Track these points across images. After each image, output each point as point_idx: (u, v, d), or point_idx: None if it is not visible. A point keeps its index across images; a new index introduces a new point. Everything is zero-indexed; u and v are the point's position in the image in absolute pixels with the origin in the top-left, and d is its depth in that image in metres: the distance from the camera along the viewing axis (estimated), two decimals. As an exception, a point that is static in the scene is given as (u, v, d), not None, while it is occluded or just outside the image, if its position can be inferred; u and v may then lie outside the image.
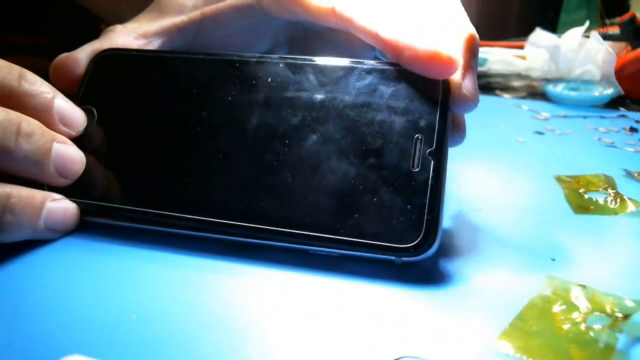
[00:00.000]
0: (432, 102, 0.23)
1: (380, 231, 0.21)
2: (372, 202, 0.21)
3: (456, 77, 0.24)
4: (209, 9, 0.31)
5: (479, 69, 0.59)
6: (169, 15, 0.31)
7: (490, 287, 0.21)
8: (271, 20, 0.31)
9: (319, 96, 0.24)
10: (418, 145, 0.22)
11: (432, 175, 0.21)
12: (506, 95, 0.54)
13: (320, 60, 0.25)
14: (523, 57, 0.60)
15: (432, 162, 0.21)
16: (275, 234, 0.22)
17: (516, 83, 0.57)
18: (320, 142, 0.23)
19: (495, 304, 0.20)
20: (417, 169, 0.21)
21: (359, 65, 0.25)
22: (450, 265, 0.22)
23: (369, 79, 0.24)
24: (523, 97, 0.53)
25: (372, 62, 0.25)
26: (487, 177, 0.31)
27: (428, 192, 0.21)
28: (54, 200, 0.23)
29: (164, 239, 0.23)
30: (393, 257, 0.22)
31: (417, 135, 0.22)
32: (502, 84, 0.57)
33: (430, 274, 0.22)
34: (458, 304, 0.20)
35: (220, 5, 0.30)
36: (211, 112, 0.25)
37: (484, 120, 0.44)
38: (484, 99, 0.53)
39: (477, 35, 0.26)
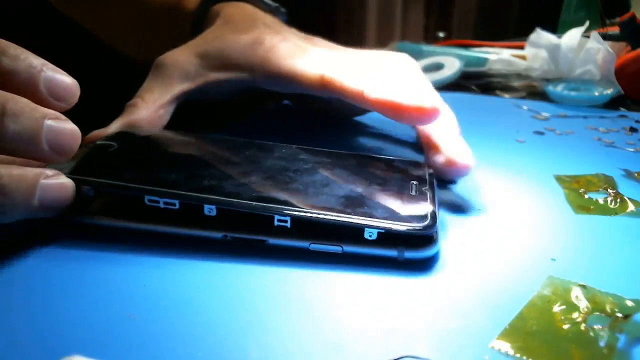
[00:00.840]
0: (422, 172, 0.28)
1: (389, 216, 0.23)
2: (379, 203, 0.24)
3: (452, 154, 0.28)
4: (212, 77, 0.34)
5: (479, 69, 0.59)
6: (176, 82, 0.34)
7: (490, 286, 0.21)
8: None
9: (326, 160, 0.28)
10: (414, 185, 0.26)
11: (429, 194, 0.25)
12: (506, 95, 0.54)
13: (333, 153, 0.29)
14: (523, 57, 0.60)
15: (427, 191, 0.26)
16: (282, 211, 0.22)
17: (516, 83, 0.57)
18: (330, 177, 0.26)
19: (495, 303, 0.20)
20: (415, 194, 0.25)
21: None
22: (450, 265, 0.22)
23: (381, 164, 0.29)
24: (523, 97, 0.53)
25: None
26: (487, 177, 0.31)
27: (428, 201, 0.25)
28: (48, 177, 0.22)
29: (163, 239, 0.23)
30: (396, 253, 0.22)
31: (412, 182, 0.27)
32: (502, 84, 0.57)
33: (430, 274, 0.22)
34: (458, 303, 0.20)
35: (221, 75, 0.34)
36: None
37: (484, 120, 0.44)
38: (484, 99, 0.53)
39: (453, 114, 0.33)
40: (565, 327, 0.18)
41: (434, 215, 0.23)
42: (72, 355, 0.16)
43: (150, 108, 0.32)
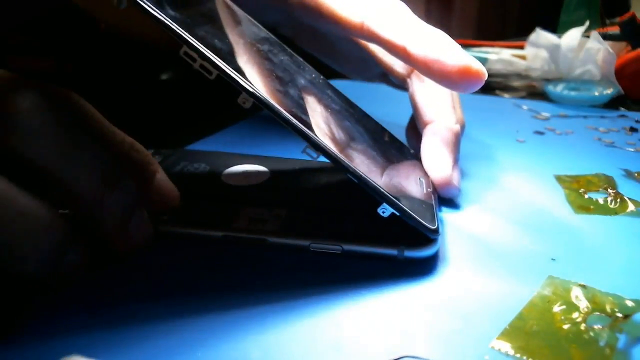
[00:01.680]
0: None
1: (407, 203, 0.22)
2: (399, 184, 0.24)
3: (445, 175, 0.28)
4: None
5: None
6: None
7: (490, 286, 0.21)
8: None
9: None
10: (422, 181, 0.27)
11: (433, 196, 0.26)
12: (506, 95, 0.54)
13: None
14: (523, 57, 0.60)
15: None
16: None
17: (516, 83, 0.57)
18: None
19: (495, 303, 0.20)
20: (425, 191, 0.26)
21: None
22: (450, 265, 0.22)
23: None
24: (523, 97, 0.53)
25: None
26: (487, 177, 0.31)
27: (432, 201, 0.25)
28: None
29: (163, 237, 0.23)
30: (396, 252, 0.22)
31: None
32: (502, 84, 0.57)
33: (430, 274, 0.22)
34: (458, 303, 0.20)
35: None
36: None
37: (484, 120, 0.44)
38: (484, 99, 0.53)
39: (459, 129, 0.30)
40: (566, 327, 0.18)
41: (438, 217, 0.23)
42: (72, 355, 0.16)
43: None
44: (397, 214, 0.21)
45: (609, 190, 0.29)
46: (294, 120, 0.20)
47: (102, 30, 0.33)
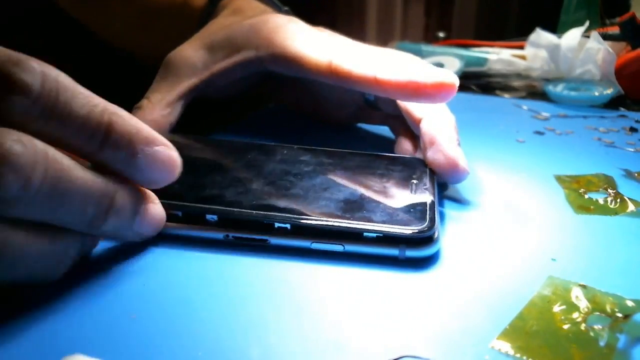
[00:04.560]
0: (422, 169, 0.28)
1: (387, 219, 0.23)
2: (378, 205, 0.24)
3: (453, 154, 0.27)
4: (217, 67, 0.34)
5: (479, 69, 0.59)
6: (183, 79, 0.33)
7: (490, 286, 0.21)
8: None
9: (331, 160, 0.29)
10: (414, 184, 0.26)
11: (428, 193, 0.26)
12: (506, 95, 0.54)
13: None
14: (523, 57, 0.60)
15: (427, 190, 0.26)
16: (282, 219, 0.23)
17: (516, 83, 0.57)
18: (333, 179, 0.26)
19: (495, 303, 0.20)
20: (415, 194, 0.26)
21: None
22: (451, 265, 0.22)
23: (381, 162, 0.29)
24: (523, 97, 0.53)
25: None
26: (487, 177, 0.31)
27: (428, 201, 0.25)
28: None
29: (164, 238, 0.23)
30: (397, 252, 0.22)
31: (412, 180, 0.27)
32: (502, 84, 0.57)
33: (431, 274, 0.22)
34: (458, 303, 0.20)
35: (226, 63, 0.33)
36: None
37: (484, 120, 0.44)
38: (484, 99, 0.53)
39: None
40: (566, 327, 0.18)
41: (432, 217, 0.23)
42: (73, 355, 0.16)
43: (155, 108, 0.32)
44: (381, 235, 0.22)
45: (609, 190, 0.29)
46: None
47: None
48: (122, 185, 0.20)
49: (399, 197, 0.25)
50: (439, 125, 0.29)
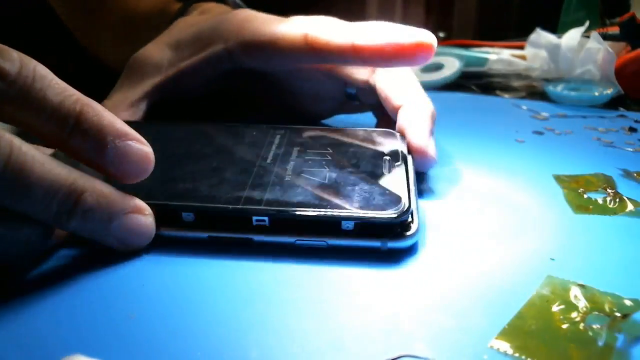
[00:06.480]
0: (396, 142, 0.28)
1: (362, 204, 0.23)
2: (353, 189, 0.24)
3: (423, 142, 0.27)
4: (184, 64, 0.32)
5: (479, 69, 0.59)
6: (147, 78, 0.32)
7: (489, 286, 0.21)
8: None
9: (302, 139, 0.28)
10: (387, 161, 0.27)
11: (403, 173, 0.26)
12: (506, 95, 0.54)
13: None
14: (523, 57, 0.60)
15: (401, 169, 0.26)
16: (260, 212, 0.22)
17: (516, 83, 0.57)
18: (308, 160, 0.26)
19: (494, 303, 0.20)
20: (389, 173, 0.26)
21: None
22: (450, 265, 0.22)
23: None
24: (523, 97, 0.53)
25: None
26: (486, 177, 0.31)
27: (402, 180, 0.25)
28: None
29: (162, 239, 0.23)
30: (379, 244, 0.22)
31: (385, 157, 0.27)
32: (502, 84, 0.57)
33: (429, 274, 0.22)
34: (457, 303, 0.20)
35: (193, 59, 0.32)
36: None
37: (484, 120, 0.44)
38: (484, 99, 0.53)
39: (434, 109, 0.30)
40: (564, 326, 0.18)
41: (408, 198, 0.23)
42: (72, 355, 0.16)
43: (118, 108, 0.31)
44: (359, 222, 0.22)
45: (608, 190, 0.29)
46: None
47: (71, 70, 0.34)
48: (95, 188, 0.20)
49: (373, 178, 0.25)
50: (415, 113, 0.29)
